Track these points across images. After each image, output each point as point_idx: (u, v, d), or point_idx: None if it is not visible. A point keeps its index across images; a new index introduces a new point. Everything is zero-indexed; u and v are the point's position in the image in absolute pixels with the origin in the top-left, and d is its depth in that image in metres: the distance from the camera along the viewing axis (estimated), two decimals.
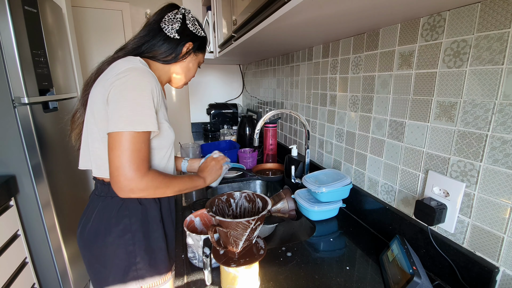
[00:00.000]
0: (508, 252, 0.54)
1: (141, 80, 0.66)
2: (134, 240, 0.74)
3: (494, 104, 0.54)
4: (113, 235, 0.73)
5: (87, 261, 0.78)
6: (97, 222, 0.73)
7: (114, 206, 0.73)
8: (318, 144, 1.23)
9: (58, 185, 1.52)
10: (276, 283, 0.66)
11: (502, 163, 0.53)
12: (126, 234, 0.73)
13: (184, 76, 0.87)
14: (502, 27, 0.51)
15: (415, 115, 0.71)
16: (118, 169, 0.63)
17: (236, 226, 0.56)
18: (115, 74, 0.66)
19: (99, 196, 0.76)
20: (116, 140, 0.63)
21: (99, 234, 0.73)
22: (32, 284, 1.40)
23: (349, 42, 0.95)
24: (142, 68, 0.68)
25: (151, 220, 0.78)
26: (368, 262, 0.73)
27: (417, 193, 0.73)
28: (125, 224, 0.73)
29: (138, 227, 0.75)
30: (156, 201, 0.79)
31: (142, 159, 0.65)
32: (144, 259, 0.76)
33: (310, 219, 0.94)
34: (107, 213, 0.73)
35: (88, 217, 0.75)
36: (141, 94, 0.65)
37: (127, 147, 0.62)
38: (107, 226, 0.73)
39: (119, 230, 0.73)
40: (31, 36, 1.35)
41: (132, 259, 0.74)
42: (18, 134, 1.31)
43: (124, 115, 0.63)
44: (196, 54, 0.86)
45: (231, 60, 2.09)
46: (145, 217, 0.76)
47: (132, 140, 0.63)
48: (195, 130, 2.58)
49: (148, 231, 0.77)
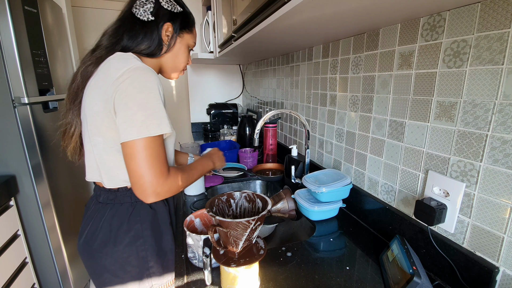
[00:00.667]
0: (508, 252, 0.54)
1: (146, 80, 0.61)
2: (146, 246, 0.73)
3: (494, 104, 0.54)
4: (125, 242, 0.71)
5: (93, 271, 0.74)
6: (106, 230, 0.71)
7: (125, 213, 0.71)
8: (318, 144, 1.23)
9: (58, 185, 1.52)
10: (276, 283, 0.66)
11: (502, 163, 0.53)
12: (138, 240, 0.72)
13: (173, 65, 0.79)
14: (502, 27, 0.51)
15: (415, 115, 0.71)
16: (142, 177, 0.60)
17: (236, 226, 0.56)
18: (116, 77, 0.61)
19: (105, 204, 0.72)
20: (132, 149, 0.60)
21: (108, 242, 0.70)
22: (32, 284, 1.40)
23: (349, 42, 0.95)
24: (143, 67, 0.63)
25: (161, 223, 0.77)
26: (368, 262, 0.73)
27: (417, 193, 0.73)
28: (137, 230, 0.72)
29: (150, 232, 0.74)
30: (165, 203, 0.79)
31: (162, 162, 0.63)
32: (157, 263, 0.75)
33: (310, 219, 0.94)
34: (116, 220, 0.71)
35: (95, 225, 0.72)
36: (150, 96, 0.61)
37: (146, 154, 0.60)
38: (117, 234, 0.70)
39: (130, 237, 0.71)
40: (31, 36, 1.35)
41: (145, 264, 0.73)
42: (18, 134, 1.31)
43: (137, 122, 0.59)
44: (180, 35, 0.76)
45: (231, 60, 2.09)
46: (155, 220, 0.75)
47: (150, 146, 0.61)
48: (195, 130, 2.58)
49: (159, 235, 0.76)
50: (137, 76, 0.61)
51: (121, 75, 0.60)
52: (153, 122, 0.61)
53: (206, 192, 1.22)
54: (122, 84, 0.60)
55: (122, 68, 0.61)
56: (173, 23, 0.73)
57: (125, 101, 0.60)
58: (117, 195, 0.71)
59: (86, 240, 0.72)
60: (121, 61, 0.64)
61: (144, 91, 0.60)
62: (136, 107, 0.60)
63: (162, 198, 0.64)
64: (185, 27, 0.77)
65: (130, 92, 0.60)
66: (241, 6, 0.95)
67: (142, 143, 0.60)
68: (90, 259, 0.73)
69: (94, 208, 0.74)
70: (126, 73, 0.61)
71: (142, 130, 0.59)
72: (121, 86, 0.60)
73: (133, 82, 0.60)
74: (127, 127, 0.59)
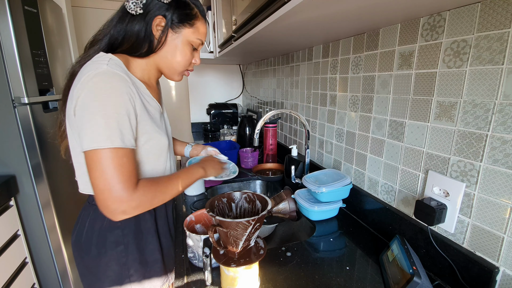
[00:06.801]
0: (508, 252, 0.54)
1: (108, 88, 0.56)
2: (127, 253, 0.70)
3: (494, 104, 0.54)
4: (106, 246, 0.68)
5: (81, 271, 0.73)
6: (89, 231, 0.69)
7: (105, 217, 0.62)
8: (318, 144, 1.23)
9: (58, 185, 1.52)
10: (276, 283, 0.66)
11: (502, 163, 0.53)
12: (118, 246, 0.69)
13: (170, 65, 0.71)
14: (502, 27, 0.51)
15: (415, 115, 0.71)
16: (103, 192, 0.55)
17: (236, 226, 0.56)
18: (80, 82, 0.56)
19: (91, 204, 0.70)
20: (93, 159, 0.55)
21: (91, 244, 0.69)
22: (32, 284, 1.40)
23: (349, 42, 0.95)
24: (108, 72, 0.57)
25: (145, 232, 0.73)
26: (368, 262, 0.73)
27: (417, 193, 0.73)
28: (117, 236, 0.69)
29: (131, 239, 0.70)
30: (151, 211, 0.74)
31: (127, 175, 0.57)
32: (138, 272, 0.71)
33: (310, 219, 0.94)
34: (98, 223, 0.69)
35: (82, 225, 0.71)
36: (112, 105, 0.55)
37: (107, 165, 0.55)
38: (99, 237, 0.69)
39: (111, 242, 0.68)
40: (31, 36, 1.34)
41: (125, 271, 0.70)
42: (18, 134, 1.31)
43: (96, 131, 0.54)
44: (175, 30, 0.67)
45: (231, 60, 2.09)
46: (138, 228, 0.71)
47: (111, 156, 0.55)
48: (195, 130, 2.58)
49: (142, 243, 0.72)
50: (98, 83, 0.56)
51: (83, 81, 0.56)
52: (114, 132, 0.55)
53: (206, 192, 1.22)
54: (83, 91, 0.56)
55: (88, 72, 0.57)
56: (166, 15, 0.65)
57: (85, 109, 0.55)
58: None
59: (75, 239, 0.72)
60: (93, 64, 0.59)
61: (98, 98, 0.55)
62: (95, 115, 0.54)
63: (131, 215, 0.59)
64: (183, 21, 0.67)
65: (90, 99, 0.55)
66: (241, 6, 0.95)
67: (103, 154, 0.54)
68: (77, 258, 0.72)
69: (84, 207, 0.73)
70: (88, 79, 0.56)
71: (103, 140, 0.54)
72: (82, 94, 0.56)
73: (95, 89, 0.55)
74: (87, 135, 0.55)
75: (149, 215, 0.74)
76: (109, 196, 0.55)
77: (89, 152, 0.55)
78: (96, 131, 0.54)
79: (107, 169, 0.55)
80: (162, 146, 0.71)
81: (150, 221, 0.74)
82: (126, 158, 0.57)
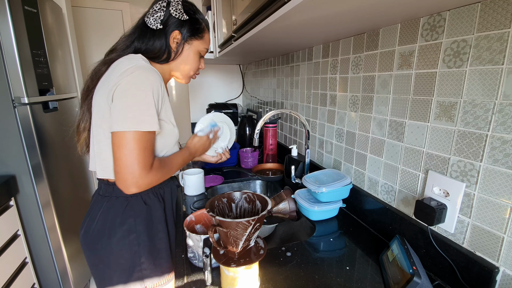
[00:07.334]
0: (508, 252, 0.54)
1: (145, 79, 0.66)
2: (139, 241, 0.74)
3: (494, 104, 0.54)
4: (118, 235, 0.72)
5: (91, 262, 0.77)
6: (101, 222, 0.73)
7: (119, 207, 0.73)
8: (318, 144, 1.23)
9: (58, 185, 1.52)
10: (276, 283, 0.66)
11: (502, 163, 0.53)
12: (131, 234, 0.73)
13: (183, 71, 0.83)
14: (502, 27, 0.51)
15: (415, 115, 0.71)
16: (126, 167, 0.64)
17: (236, 226, 0.56)
18: (119, 73, 0.65)
19: (104, 196, 0.75)
20: (122, 139, 0.63)
21: (103, 234, 0.73)
22: (32, 284, 1.40)
23: (349, 42, 0.95)
24: (146, 66, 0.68)
25: (155, 221, 0.77)
26: (368, 262, 0.73)
27: (417, 193, 0.73)
28: (130, 225, 0.73)
29: (143, 228, 0.74)
30: (160, 200, 0.79)
31: (148, 157, 0.66)
32: (149, 260, 0.75)
33: (310, 219, 0.94)
34: (112, 214, 0.73)
35: (93, 217, 0.75)
36: (146, 94, 0.65)
37: (134, 146, 0.64)
38: (112, 227, 0.72)
39: (124, 231, 0.73)
40: (31, 36, 1.34)
41: (136, 259, 0.74)
42: (18, 134, 1.31)
43: (130, 115, 0.63)
44: (189, 42, 0.79)
45: (231, 60, 2.09)
46: (150, 217, 0.76)
47: (140, 139, 0.64)
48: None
49: (152, 232, 0.77)
50: (137, 73, 0.65)
51: (124, 71, 0.65)
52: (144, 118, 0.65)
53: (206, 192, 1.22)
54: (123, 79, 0.64)
55: (127, 66, 0.66)
56: (181, 30, 0.76)
57: (123, 94, 0.64)
58: (114, 189, 0.73)
59: (85, 231, 0.75)
60: (128, 60, 0.69)
61: (141, 88, 0.65)
62: (131, 102, 0.64)
63: (142, 190, 0.67)
64: (194, 34, 0.79)
65: (128, 87, 0.64)
66: (241, 6, 0.95)
67: (132, 136, 0.63)
68: (88, 250, 0.76)
69: (95, 200, 0.78)
70: (129, 69, 0.65)
71: (134, 124, 0.63)
72: (122, 81, 0.64)
73: (133, 79, 0.65)
74: (120, 118, 0.63)
75: (159, 204, 0.79)
76: (130, 172, 0.64)
77: (119, 133, 0.64)
78: (129, 115, 0.63)
79: (133, 149, 0.64)
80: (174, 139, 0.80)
81: (160, 211, 0.79)
82: (149, 143, 0.67)
